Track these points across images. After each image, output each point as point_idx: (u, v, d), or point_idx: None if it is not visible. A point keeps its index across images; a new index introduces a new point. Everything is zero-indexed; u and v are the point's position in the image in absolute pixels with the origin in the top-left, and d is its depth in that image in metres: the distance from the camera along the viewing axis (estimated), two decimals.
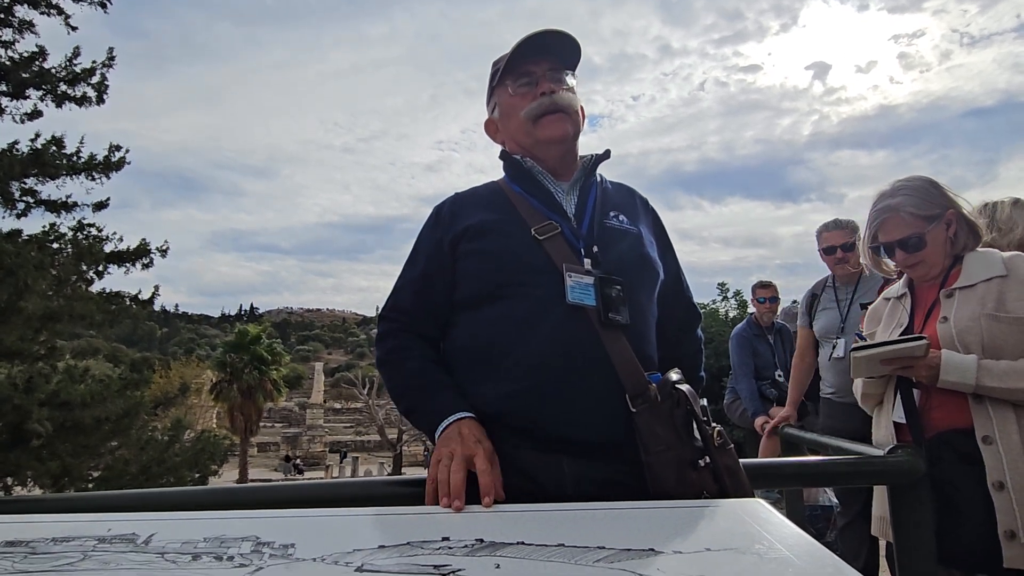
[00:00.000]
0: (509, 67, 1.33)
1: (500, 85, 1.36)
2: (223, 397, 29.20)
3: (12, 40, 9.36)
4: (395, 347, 1.29)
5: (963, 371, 1.57)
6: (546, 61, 1.33)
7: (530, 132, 1.31)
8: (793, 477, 1.58)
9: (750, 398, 3.83)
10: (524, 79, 1.33)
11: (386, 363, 1.30)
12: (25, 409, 8.13)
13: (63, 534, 0.80)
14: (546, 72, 1.32)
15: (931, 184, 1.78)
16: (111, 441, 9.91)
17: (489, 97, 1.42)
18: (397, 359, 1.28)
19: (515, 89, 1.34)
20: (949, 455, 1.61)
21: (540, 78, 1.32)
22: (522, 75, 1.33)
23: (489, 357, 1.19)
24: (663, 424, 1.10)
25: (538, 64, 1.32)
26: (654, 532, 0.85)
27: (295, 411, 49.51)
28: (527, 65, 1.32)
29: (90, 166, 9.90)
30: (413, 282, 1.31)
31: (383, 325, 1.33)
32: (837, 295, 3.22)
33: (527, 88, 1.32)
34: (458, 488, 1.00)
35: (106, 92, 10.06)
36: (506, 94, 1.35)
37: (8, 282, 8.05)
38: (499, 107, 1.39)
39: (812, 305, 3.34)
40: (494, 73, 1.38)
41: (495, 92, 1.40)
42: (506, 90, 1.35)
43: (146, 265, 10.39)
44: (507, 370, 1.17)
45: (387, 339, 1.31)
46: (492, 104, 1.42)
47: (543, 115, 1.30)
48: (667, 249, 1.43)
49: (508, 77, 1.34)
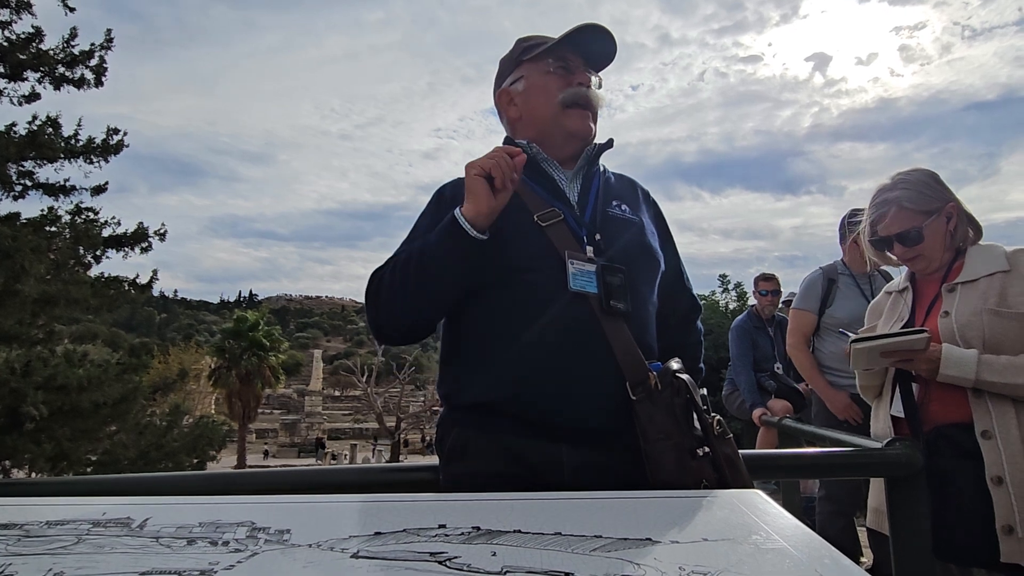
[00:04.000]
0: (553, 49, 1.31)
1: (539, 59, 1.33)
2: (221, 383, 29.31)
3: (9, 20, 9.29)
4: (382, 270, 1.23)
5: (963, 365, 1.57)
6: (582, 59, 1.33)
7: (557, 116, 1.29)
8: (790, 468, 1.58)
9: (749, 390, 3.83)
10: (562, 64, 1.32)
11: (378, 281, 1.21)
12: (21, 392, 8.14)
13: (57, 517, 0.79)
14: (581, 66, 1.33)
15: (930, 177, 1.77)
16: (109, 425, 9.93)
17: (512, 68, 1.38)
18: (384, 270, 1.22)
19: (554, 69, 1.32)
20: (947, 449, 1.61)
21: (576, 70, 1.32)
22: (561, 59, 1.32)
23: (489, 343, 1.19)
24: (663, 412, 1.10)
25: (575, 58, 1.32)
26: (652, 521, 0.84)
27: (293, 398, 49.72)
28: (569, 54, 1.32)
29: (88, 149, 9.85)
30: None
31: (375, 272, 1.24)
32: (858, 282, 3.05)
33: (563, 73, 1.31)
34: None
35: (104, 75, 10.00)
36: (541, 70, 1.32)
37: (5, 265, 8.04)
38: (527, 80, 1.35)
39: (829, 291, 3.12)
40: (527, 47, 1.35)
41: (524, 65, 1.35)
42: (544, 65, 1.32)
43: (144, 249, 10.37)
44: (507, 356, 1.16)
45: (377, 272, 1.24)
46: (516, 76, 1.37)
47: (575, 105, 1.29)
48: (668, 240, 1.42)
49: (550, 55, 1.32)
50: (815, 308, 3.11)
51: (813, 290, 3.13)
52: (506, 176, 1.10)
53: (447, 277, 1.16)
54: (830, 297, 3.08)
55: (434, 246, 1.15)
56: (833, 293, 3.08)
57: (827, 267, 3.17)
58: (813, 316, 3.11)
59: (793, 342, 3.20)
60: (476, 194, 1.11)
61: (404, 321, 1.22)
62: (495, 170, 1.09)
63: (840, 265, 3.13)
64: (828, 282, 3.10)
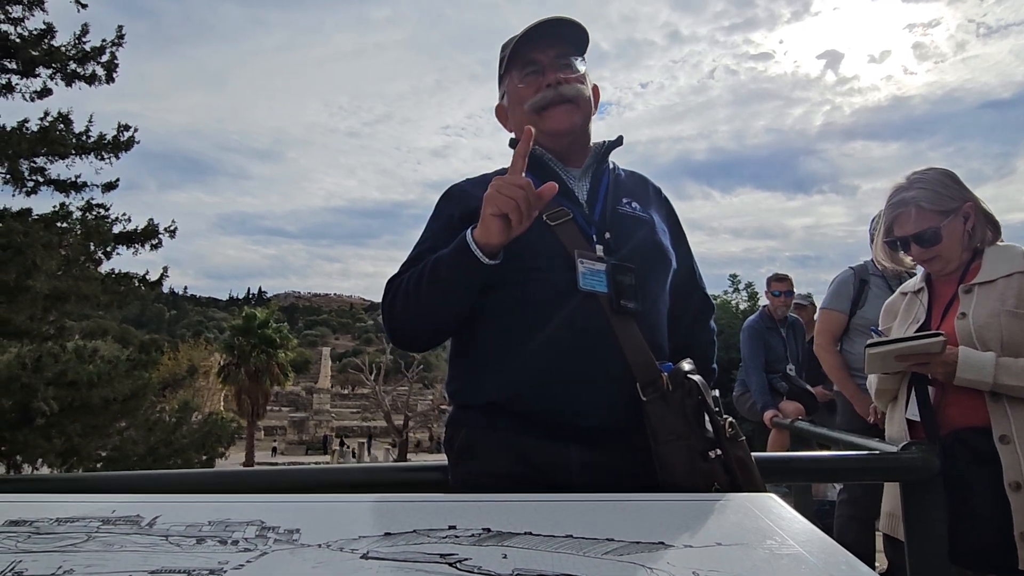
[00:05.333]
0: (514, 56, 1.30)
1: (507, 74, 1.34)
2: (230, 380, 29.47)
3: (21, 17, 9.34)
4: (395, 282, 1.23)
5: (981, 369, 1.54)
6: (553, 49, 1.29)
7: (534, 123, 1.26)
8: (804, 472, 1.57)
9: (760, 391, 3.80)
10: (531, 68, 1.30)
11: (393, 292, 1.21)
12: (32, 388, 8.21)
13: (67, 514, 0.79)
14: (553, 60, 1.29)
15: (947, 176, 1.74)
16: (119, 421, 10.01)
17: (500, 83, 1.39)
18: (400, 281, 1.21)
19: (521, 79, 1.30)
20: (964, 454, 1.59)
21: (547, 67, 1.28)
22: (528, 63, 1.30)
23: (498, 343, 1.18)
24: (674, 413, 1.08)
25: (544, 52, 1.29)
26: (664, 525, 0.83)
27: (302, 396, 49.95)
28: (533, 53, 1.29)
29: (99, 146, 9.92)
30: (423, 253, 1.25)
31: (391, 282, 1.25)
32: (890, 283, 2.90)
33: (534, 77, 1.29)
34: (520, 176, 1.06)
35: (115, 71, 10.06)
36: (513, 84, 1.32)
37: (17, 261, 8.11)
38: (508, 93, 1.36)
39: (861, 292, 3.00)
40: (502, 60, 1.35)
41: (504, 78, 1.36)
42: (513, 80, 1.32)
43: (155, 246, 10.44)
44: (516, 356, 1.15)
45: (392, 282, 1.24)
46: (503, 91, 1.39)
47: (547, 107, 1.27)
48: (680, 239, 1.40)
49: (514, 66, 1.31)
50: (846, 308, 3.02)
51: (844, 290, 3.04)
52: (524, 218, 1.06)
53: (458, 295, 1.16)
54: (862, 298, 3.00)
55: (446, 266, 1.14)
56: (865, 294, 2.99)
57: (858, 267, 3.08)
58: (844, 316, 3.02)
59: (821, 342, 3.11)
60: (489, 229, 1.07)
61: (420, 333, 1.24)
62: (513, 213, 1.04)
63: (871, 265, 3.03)
64: (860, 282, 3.01)
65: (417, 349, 1.30)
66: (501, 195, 1.05)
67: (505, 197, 1.04)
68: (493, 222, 1.06)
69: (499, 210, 1.05)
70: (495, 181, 1.07)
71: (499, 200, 1.05)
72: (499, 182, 1.06)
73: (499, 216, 1.05)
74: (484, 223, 1.08)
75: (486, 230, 1.08)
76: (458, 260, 1.11)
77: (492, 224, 1.06)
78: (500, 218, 1.05)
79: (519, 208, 1.04)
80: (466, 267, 1.10)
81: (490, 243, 1.08)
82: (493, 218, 1.06)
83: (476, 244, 1.09)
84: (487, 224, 1.07)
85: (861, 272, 3.05)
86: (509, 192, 1.04)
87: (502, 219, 1.05)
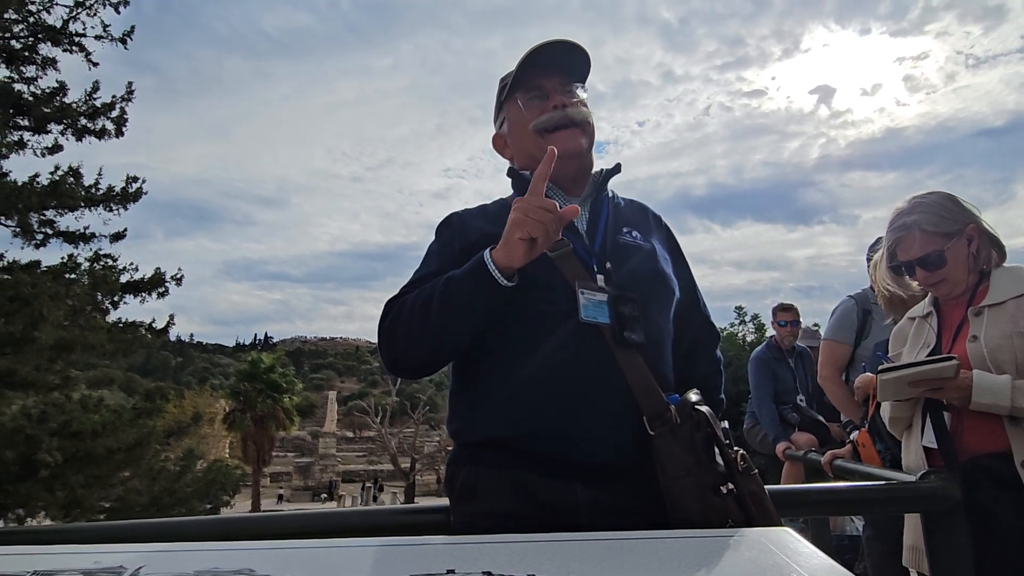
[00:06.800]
0: (519, 80, 1.30)
1: (509, 98, 1.33)
2: (236, 426, 29.19)
3: (35, 76, 9.63)
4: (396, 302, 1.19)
5: (997, 392, 1.50)
6: (557, 76, 1.29)
7: (540, 145, 1.26)
8: (820, 504, 1.51)
9: (771, 423, 3.72)
10: (535, 92, 1.30)
11: (395, 312, 1.17)
12: (36, 439, 8.14)
13: (47, 567, 0.76)
14: (557, 86, 1.29)
15: (948, 199, 1.73)
16: (122, 471, 9.87)
17: (497, 112, 1.40)
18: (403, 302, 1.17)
19: (525, 102, 1.30)
20: (985, 481, 1.53)
21: (551, 92, 1.28)
22: (532, 88, 1.30)
23: (499, 377, 1.15)
24: (683, 447, 1.05)
25: (549, 79, 1.29)
26: (676, 564, 0.79)
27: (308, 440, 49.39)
28: (538, 79, 1.29)
29: (108, 197, 10.07)
30: (427, 276, 1.22)
31: (391, 302, 1.21)
32: None
33: (538, 101, 1.29)
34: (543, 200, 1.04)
35: (125, 125, 10.30)
36: (516, 107, 1.31)
37: (24, 312, 8.14)
38: (508, 121, 1.36)
39: (865, 321, 2.94)
40: (503, 88, 1.35)
41: (504, 106, 1.36)
42: (516, 103, 1.31)
43: (161, 294, 10.49)
44: (518, 391, 1.12)
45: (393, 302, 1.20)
46: (501, 119, 1.39)
47: (556, 129, 1.26)
48: (682, 266, 1.38)
49: (518, 90, 1.31)
50: (850, 340, 2.96)
51: (847, 320, 2.97)
52: (551, 238, 1.05)
53: (471, 318, 1.12)
54: (866, 328, 2.94)
55: (460, 286, 1.11)
56: (869, 324, 2.94)
57: (858, 296, 3.02)
58: (848, 347, 2.96)
59: (827, 374, 3.04)
60: (514, 251, 1.05)
61: (421, 356, 1.18)
62: (542, 237, 1.03)
63: (871, 293, 2.96)
64: (863, 312, 2.96)
65: (414, 374, 1.24)
66: (530, 219, 1.03)
67: (534, 221, 1.03)
68: (520, 245, 1.04)
69: (528, 233, 1.03)
70: (519, 204, 1.05)
71: (528, 224, 1.03)
72: (525, 205, 1.04)
73: (527, 240, 1.04)
74: (509, 246, 1.06)
75: (510, 252, 1.05)
76: (474, 281, 1.09)
77: (518, 248, 1.04)
78: (527, 241, 1.04)
79: (547, 231, 1.03)
80: (484, 288, 1.08)
81: (512, 266, 1.06)
82: (521, 242, 1.04)
83: (496, 266, 1.07)
84: (512, 247, 1.05)
85: (862, 301, 2.99)
86: (538, 216, 1.03)
87: (528, 242, 1.04)
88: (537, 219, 1.02)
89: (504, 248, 1.06)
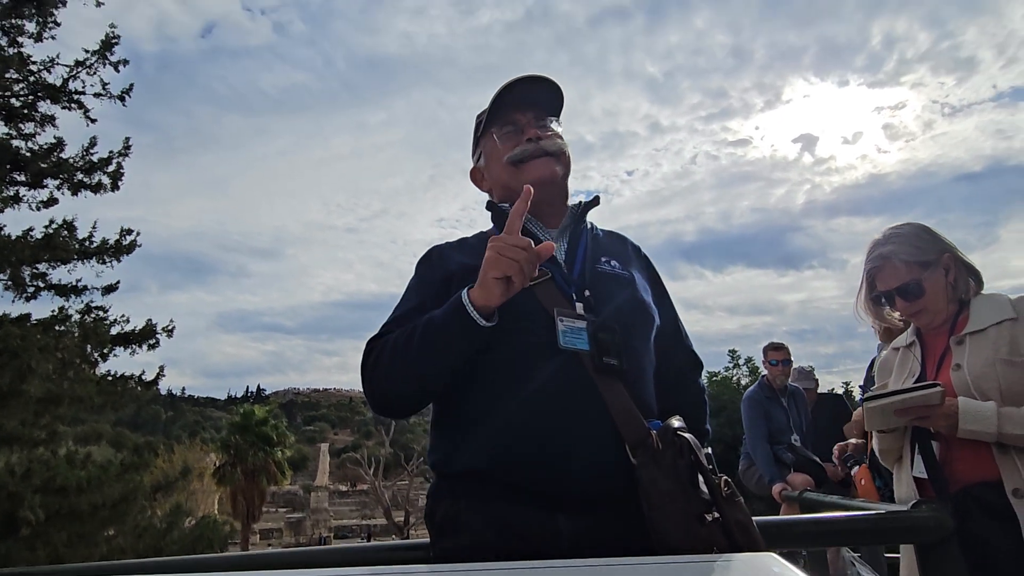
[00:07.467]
0: (493, 116, 1.34)
1: (485, 133, 1.37)
2: (226, 480, 28.47)
3: (34, 132, 9.77)
4: (378, 341, 1.19)
5: (983, 419, 1.50)
6: (531, 110, 1.33)
7: (515, 176, 1.29)
8: (811, 536, 1.47)
9: (766, 463, 3.68)
10: (509, 127, 1.33)
11: (377, 352, 1.17)
12: (19, 496, 7.91)
13: None
14: (531, 120, 1.33)
15: (924, 230, 1.77)
16: (107, 528, 9.56)
17: (475, 147, 1.43)
18: (384, 342, 1.17)
19: (500, 136, 1.33)
20: (977, 510, 1.51)
21: (525, 126, 1.32)
22: (507, 123, 1.34)
23: (479, 407, 1.14)
24: (665, 475, 1.03)
25: (523, 113, 1.33)
26: None
27: (299, 495, 48.18)
28: (512, 114, 1.33)
29: (101, 250, 10.08)
30: (408, 312, 1.23)
31: (372, 341, 1.22)
32: None
33: (513, 135, 1.33)
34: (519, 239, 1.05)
35: (121, 179, 10.37)
36: (491, 141, 1.35)
37: (12, 365, 8.03)
38: (484, 155, 1.39)
39: None
40: (479, 123, 1.39)
41: (480, 141, 1.40)
42: (491, 137, 1.35)
43: (152, 346, 10.37)
44: (498, 420, 1.11)
45: (374, 342, 1.20)
46: (478, 153, 1.42)
47: (529, 159, 1.29)
48: (662, 295, 1.40)
49: (493, 125, 1.34)
50: None
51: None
52: (526, 279, 1.05)
53: (451, 358, 1.12)
54: None
55: (439, 327, 1.11)
56: None
57: None
58: None
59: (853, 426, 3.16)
60: (491, 291, 1.05)
61: (404, 395, 1.18)
62: (517, 275, 1.04)
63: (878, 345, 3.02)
64: None
65: (399, 414, 1.23)
66: (504, 257, 1.03)
67: (508, 260, 1.03)
68: (496, 285, 1.04)
69: (503, 273, 1.03)
70: (494, 243, 1.06)
71: (502, 263, 1.03)
72: (499, 244, 1.05)
73: (502, 279, 1.04)
74: (485, 286, 1.06)
75: (487, 292, 1.06)
76: (453, 322, 1.09)
77: (494, 287, 1.04)
78: (502, 280, 1.04)
79: (522, 270, 1.03)
80: (462, 329, 1.08)
81: (489, 305, 1.07)
82: (496, 281, 1.04)
83: (473, 306, 1.07)
84: (488, 287, 1.05)
85: None
86: (512, 254, 1.03)
87: (504, 281, 1.04)
88: (512, 257, 1.03)
89: (480, 288, 1.07)
